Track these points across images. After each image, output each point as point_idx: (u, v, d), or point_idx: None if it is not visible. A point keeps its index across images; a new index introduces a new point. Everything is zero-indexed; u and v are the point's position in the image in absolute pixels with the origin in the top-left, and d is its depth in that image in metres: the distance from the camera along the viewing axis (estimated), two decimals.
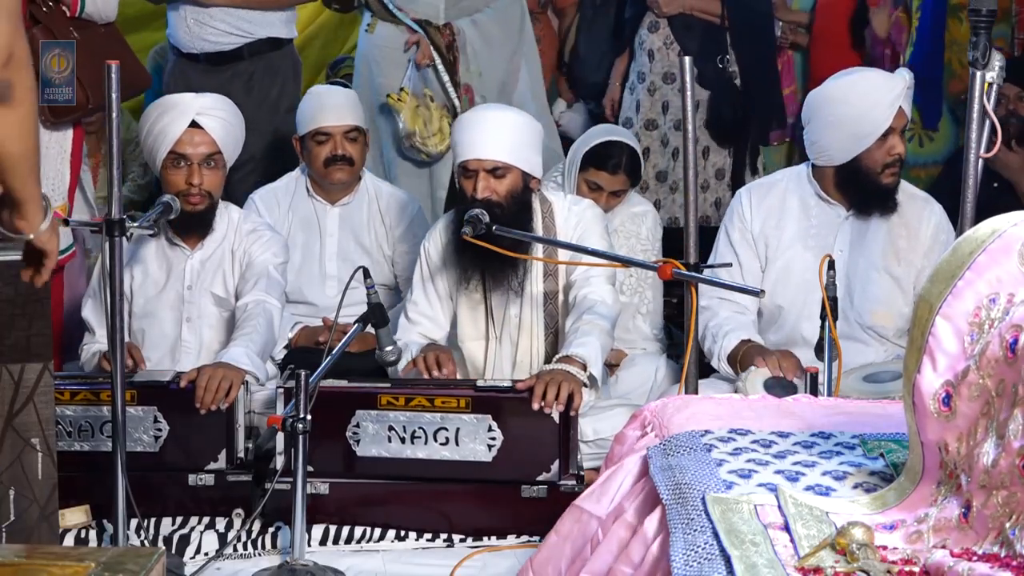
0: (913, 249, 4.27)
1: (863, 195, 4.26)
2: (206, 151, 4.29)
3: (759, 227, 4.36)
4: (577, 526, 2.80)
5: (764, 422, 2.74)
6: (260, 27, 5.35)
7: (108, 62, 3.57)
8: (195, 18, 5.30)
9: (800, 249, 4.31)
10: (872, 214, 4.27)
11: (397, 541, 3.93)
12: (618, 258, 4.20)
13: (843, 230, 4.29)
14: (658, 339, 4.93)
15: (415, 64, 5.54)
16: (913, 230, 4.28)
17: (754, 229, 4.36)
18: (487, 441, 3.92)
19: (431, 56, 5.54)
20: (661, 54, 5.78)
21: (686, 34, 5.78)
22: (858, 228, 4.29)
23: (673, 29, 5.79)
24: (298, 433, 3.52)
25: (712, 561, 2.10)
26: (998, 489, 2.05)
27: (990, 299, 2.18)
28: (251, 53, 5.36)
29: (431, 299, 4.37)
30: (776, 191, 4.39)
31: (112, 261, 3.54)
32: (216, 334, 4.40)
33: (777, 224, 4.35)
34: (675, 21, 5.79)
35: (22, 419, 3.31)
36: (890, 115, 4.14)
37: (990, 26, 3.48)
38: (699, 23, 5.79)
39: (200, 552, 3.85)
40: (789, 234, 4.33)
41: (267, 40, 5.38)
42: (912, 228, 4.29)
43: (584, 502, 2.82)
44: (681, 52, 5.59)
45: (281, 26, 5.42)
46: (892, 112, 4.14)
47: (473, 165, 4.15)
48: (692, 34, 5.79)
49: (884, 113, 4.14)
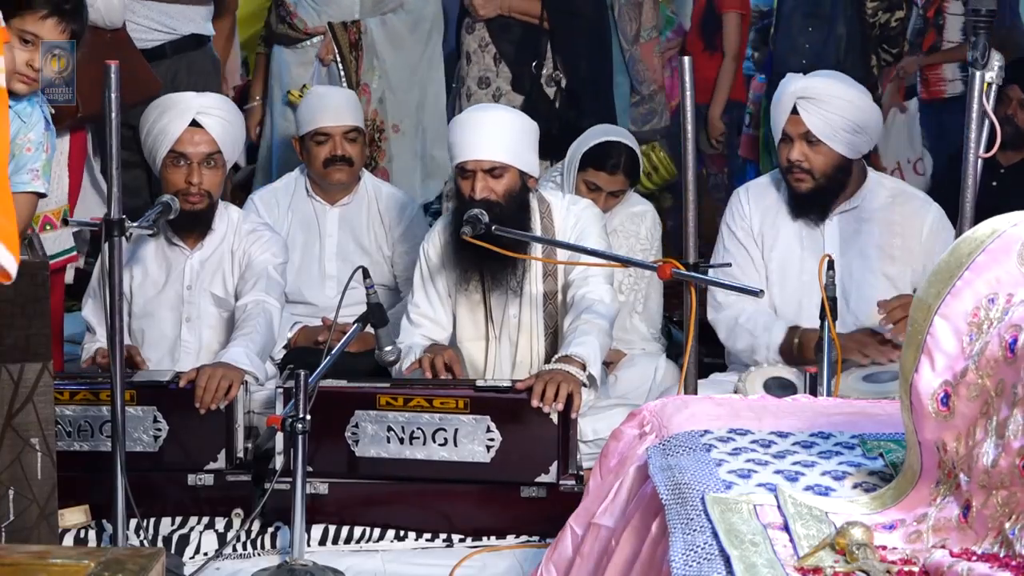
0: (908, 248, 4.27)
1: (788, 196, 4.31)
2: (206, 150, 4.30)
3: (758, 226, 4.37)
4: (597, 543, 2.78)
5: (763, 422, 2.74)
6: (183, 24, 5.27)
7: (107, 62, 3.57)
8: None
9: (796, 249, 4.32)
10: (800, 217, 4.30)
11: (396, 541, 3.93)
12: (617, 258, 4.20)
13: (829, 232, 4.30)
14: (657, 339, 4.93)
15: (320, 60, 5.52)
16: (908, 229, 4.28)
17: (753, 227, 4.37)
18: (486, 442, 3.92)
19: (333, 51, 5.51)
20: (477, 57, 5.61)
21: (503, 36, 5.58)
22: (849, 229, 4.29)
23: (490, 31, 5.58)
24: (297, 433, 3.52)
25: (711, 561, 2.10)
26: (998, 489, 2.05)
27: (989, 299, 2.18)
28: (174, 51, 5.27)
29: (432, 300, 4.37)
30: (772, 190, 4.41)
31: (111, 261, 3.54)
32: (216, 334, 4.40)
33: (774, 223, 4.36)
34: (492, 23, 5.58)
35: (21, 419, 3.31)
36: (782, 119, 4.18)
37: (989, 26, 3.48)
38: (518, 25, 5.58)
39: (199, 552, 3.85)
40: (784, 233, 4.34)
41: (190, 37, 5.30)
42: (907, 227, 4.28)
43: (602, 518, 2.80)
44: (497, 55, 5.53)
45: (202, 23, 5.35)
46: (784, 116, 4.18)
47: (471, 166, 4.16)
48: (510, 36, 5.58)
49: (780, 117, 4.20)
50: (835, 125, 4.15)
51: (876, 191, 4.32)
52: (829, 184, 4.23)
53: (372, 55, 5.55)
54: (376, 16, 5.60)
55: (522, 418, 3.92)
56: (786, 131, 4.19)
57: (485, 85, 5.58)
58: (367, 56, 5.54)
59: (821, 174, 4.20)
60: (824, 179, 4.21)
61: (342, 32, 5.53)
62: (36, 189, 3.53)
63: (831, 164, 4.20)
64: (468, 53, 5.62)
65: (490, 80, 5.57)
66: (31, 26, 3.48)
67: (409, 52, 5.67)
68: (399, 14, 5.64)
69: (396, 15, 5.63)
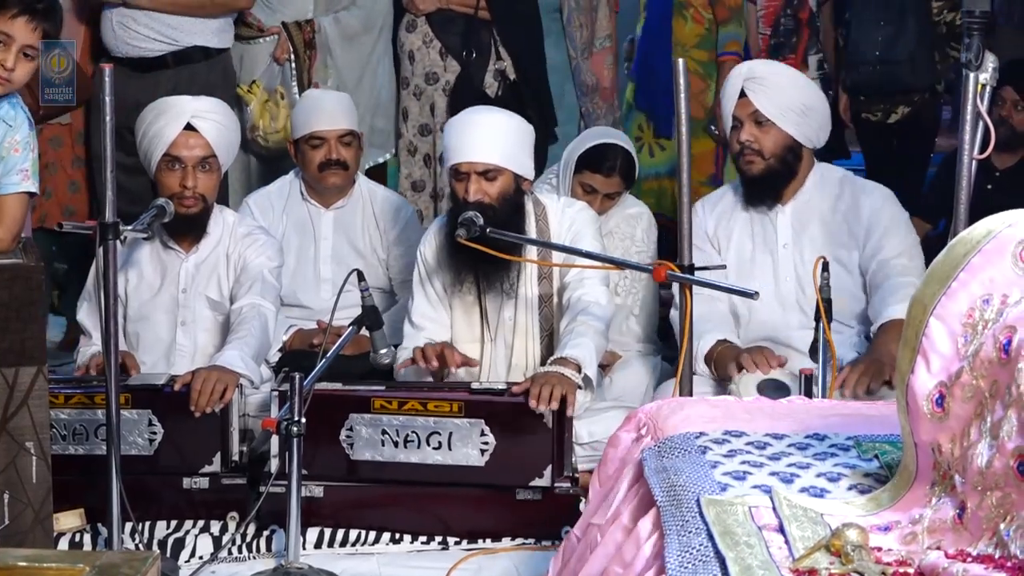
0: (853, 233, 4.33)
1: (742, 184, 4.40)
2: (200, 154, 4.29)
3: (712, 229, 4.46)
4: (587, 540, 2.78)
5: (758, 424, 2.74)
6: (186, 35, 5.21)
7: (102, 65, 3.58)
8: (120, 21, 5.17)
9: (748, 244, 4.41)
10: (753, 203, 4.38)
11: (392, 544, 3.93)
12: (612, 260, 4.21)
13: (781, 223, 4.37)
14: (652, 341, 4.93)
15: (275, 60, 5.50)
16: (851, 214, 4.34)
17: (708, 231, 4.45)
18: (480, 446, 3.92)
19: (289, 51, 5.48)
20: (421, 54, 5.58)
21: (447, 29, 5.54)
22: (796, 220, 4.36)
23: (432, 26, 5.56)
24: (292, 436, 3.52)
25: (707, 563, 2.10)
26: (992, 490, 2.05)
27: (984, 300, 2.18)
28: (177, 61, 5.21)
29: (432, 302, 4.36)
30: (725, 198, 4.52)
31: (106, 264, 3.53)
32: (211, 337, 4.40)
33: (727, 225, 4.45)
34: (433, 18, 5.55)
35: (16, 423, 3.31)
36: (731, 104, 4.27)
37: (983, 28, 3.48)
38: (460, 17, 5.54)
39: (195, 556, 3.85)
40: (737, 232, 4.43)
41: (195, 49, 5.23)
42: (850, 212, 4.35)
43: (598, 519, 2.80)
44: (443, 49, 5.51)
45: (211, 35, 5.27)
46: (732, 102, 4.26)
47: (464, 168, 4.15)
48: (453, 29, 5.55)
49: (728, 103, 4.28)
50: (782, 105, 4.24)
51: (825, 180, 4.40)
52: (779, 166, 4.30)
53: (326, 53, 5.51)
54: (329, 15, 5.56)
55: (516, 422, 3.91)
56: (736, 115, 4.28)
57: (434, 81, 5.57)
58: (320, 54, 5.50)
59: (771, 154, 4.27)
60: (774, 159, 4.29)
61: (296, 32, 5.48)
62: (27, 189, 3.53)
63: (780, 144, 4.27)
64: (411, 52, 5.61)
65: (438, 76, 5.56)
66: (2, 25, 3.46)
67: (361, 49, 5.61)
68: (352, 11, 5.57)
69: (349, 12, 5.56)
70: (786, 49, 6.16)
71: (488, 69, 5.56)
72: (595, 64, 5.90)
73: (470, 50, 5.50)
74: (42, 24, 3.50)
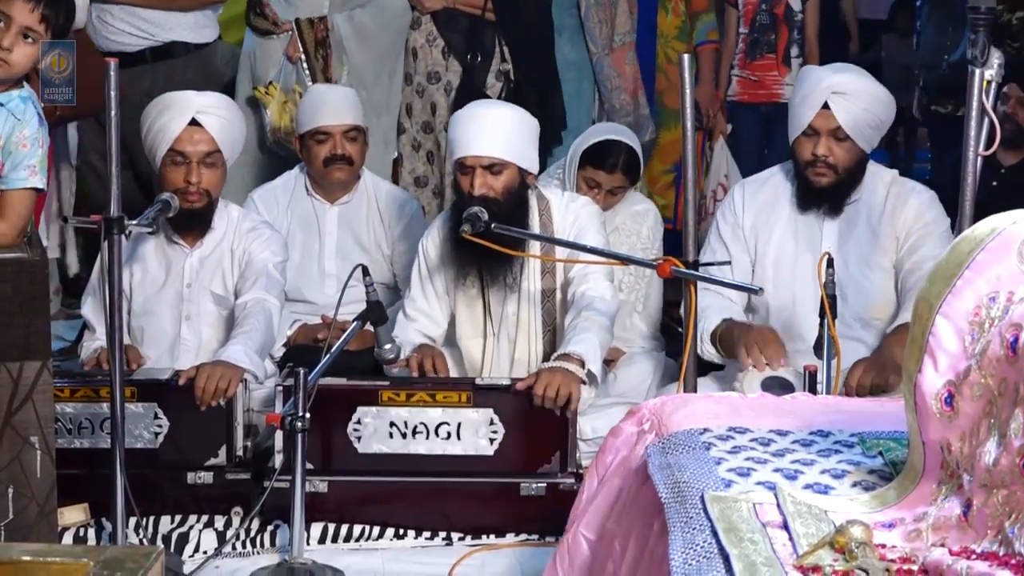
0: (895, 237, 4.27)
1: (800, 189, 4.28)
2: (205, 149, 4.29)
3: (751, 223, 4.36)
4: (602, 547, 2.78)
5: (763, 420, 2.74)
6: (164, 30, 5.20)
7: (107, 60, 3.56)
8: (98, 16, 5.16)
9: (790, 245, 4.32)
10: (809, 210, 4.27)
11: (396, 539, 3.94)
12: (616, 256, 4.20)
13: (828, 227, 4.29)
14: (656, 338, 4.93)
15: (287, 58, 5.50)
16: (896, 218, 4.27)
17: (745, 224, 4.36)
18: (489, 435, 3.93)
19: (300, 49, 5.47)
20: (424, 52, 5.55)
21: (452, 28, 5.52)
22: (848, 223, 4.28)
23: (437, 24, 5.53)
24: (297, 431, 3.52)
25: (711, 559, 2.09)
26: (998, 488, 2.05)
27: (990, 298, 2.17)
28: (156, 57, 5.19)
29: (429, 297, 4.37)
30: (769, 186, 4.40)
31: (111, 259, 3.54)
32: (215, 332, 4.40)
33: (768, 220, 4.35)
34: (438, 16, 5.53)
35: (21, 417, 3.31)
36: (811, 114, 4.14)
37: (989, 24, 3.48)
38: (465, 17, 5.52)
39: (199, 550, 3.85)
40: (779, 230, 4.34)
41: (173, 44, 5.22)
42: (895, 216, 4.28)
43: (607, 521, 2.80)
44: (446, 48, 5.50)
45: (189, 31, 5.26)
46: (813, 111, 4.14)
47: (470, 162, 4.15)
48: (457, 28, 5.52)
49: (808, 112, 4.15)
50: (862, 121, 4.15)
51: (874, 184, 4.32)
52: (848, 179, 4.23)
53: (340, 51, 5.50)
54: (344, 12, 5.54)
55: (524, 411, 3.93)
56: (814, 125, 4.15)
57: (435, 80, 5.55)
58: (336, 53, 5.49)
59: (844, 169, 4.20)
60: (846, 174, 4.21)
61: (308, 29, 5.45)
62: (34, 185, 3.51)
63: (854, 159, 4.20)
64: (414, 49, 5.58)
65: (439, 75, 5.55)
66: (1, 6, 3.42)
67: (375, 47, 5.58)
68: (367, 9, 5.55)
69: (364, 10, 5.55)
70: (763, 47, 6.19)
71: (491, 70, 5.55)
72: (616, 60, 5.87)
73: (474, 51, 5.48)
74: (44, 10, 3.45)
